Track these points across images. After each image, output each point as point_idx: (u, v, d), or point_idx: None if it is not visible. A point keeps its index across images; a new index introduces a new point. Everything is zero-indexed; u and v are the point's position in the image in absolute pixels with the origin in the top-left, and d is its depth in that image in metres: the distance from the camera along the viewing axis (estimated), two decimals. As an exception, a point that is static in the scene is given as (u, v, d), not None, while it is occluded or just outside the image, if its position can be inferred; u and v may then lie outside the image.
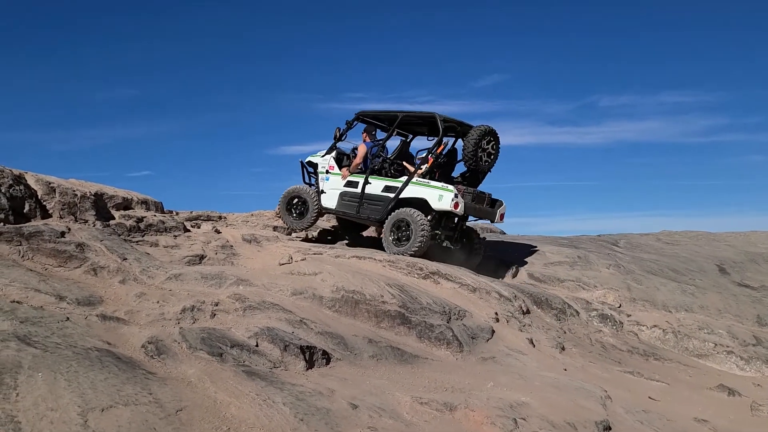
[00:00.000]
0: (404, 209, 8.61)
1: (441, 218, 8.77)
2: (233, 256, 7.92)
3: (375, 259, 8.16)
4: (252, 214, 11.35)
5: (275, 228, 10.37)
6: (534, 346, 6.77)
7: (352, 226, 10.47)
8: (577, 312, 8.14)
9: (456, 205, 8.33)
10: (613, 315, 8.24)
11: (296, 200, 9.83)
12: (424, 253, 8.55)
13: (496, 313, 7.27)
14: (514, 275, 9.31)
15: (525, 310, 7.69)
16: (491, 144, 8.93)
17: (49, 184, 7.75)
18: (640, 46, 43.71)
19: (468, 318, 6.94)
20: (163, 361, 4.42)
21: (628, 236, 14.66)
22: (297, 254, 7.97)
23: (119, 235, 7.55)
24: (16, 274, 5.54)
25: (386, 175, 9.26)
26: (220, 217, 10.67)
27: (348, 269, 7.35)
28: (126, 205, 8.77)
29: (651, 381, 6.39)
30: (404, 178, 8.90)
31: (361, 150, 9.40)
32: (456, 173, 9.62)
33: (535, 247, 10.80)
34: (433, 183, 8.63)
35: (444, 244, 9.06)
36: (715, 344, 7.72)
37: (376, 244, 9.33)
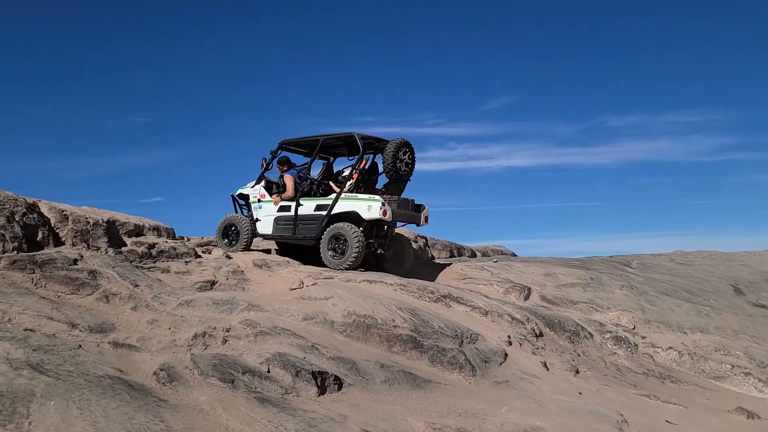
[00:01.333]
0: (338, 224, 9.08)
1: (372, 228, 9.37)
2: (244, 281, 7.93)
3: (386, 283, 8.14)
4: (263, 239, 11.37)
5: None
6: (548, 369, 6.70)
7: (292, 247, 10.60)
8: (590, 334, 8.05)
9: (384, 213, 8.90)
10: (628, 337, 8.14)
11: (232, 228, 10.21)
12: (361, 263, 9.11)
13: (509, 336, 7.21)
14: (526, 297, 9.24)
15: (538, 332, 7.61)
16: (407, 154, 9.55)
17: (62, 212, 7.82)
18: (647, 66, 43.78)
19: (480, 341, 6.89)
20: (175, 388, 4.41)
21: (640, 257, 14.55)
22: (308, 279, 7.97)
23: (131, 262, 7.59)
24: (29, 302, 5.57)
25: (315, 196, 9.82)
26: (231, 243, 10.68)
27: (359, 293, 7.34)
28: (138, 231, 8.83)
29: (668, 404, 6.29)
30: (333, 196, 9.38)
31: (289, 181, 9.83)
32: (378, 185, 10.14)
33: (547, 268, 10.73)
34: (360, 196, 9.20)
35: (378, 252, 9.66)
36: (733, 366, 7.59)
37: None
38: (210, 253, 9.45)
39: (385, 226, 9.53)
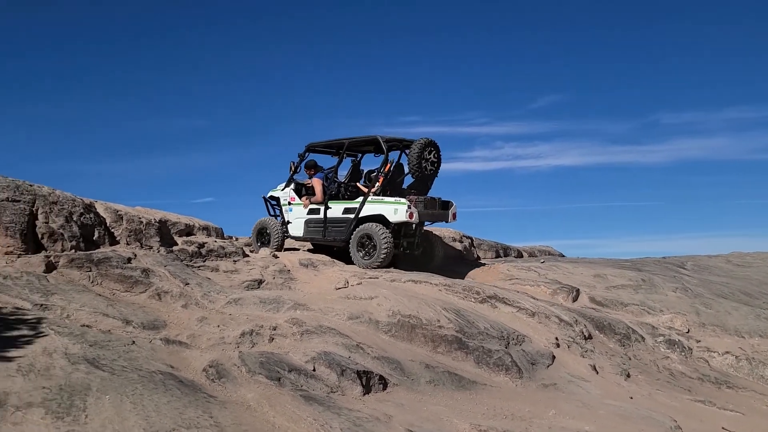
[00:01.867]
0: (366, 225, 9.22)
1: (400, 228, 9.41)
2: (291, 280, 8.03)
3: (431, 283, 8.11)
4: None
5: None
6: (597, 372, 6.55)
7: (325, 246, 10.76)
8: (642, 337, 7.84)
9: (411, 215, 8.99)
10: (682, 341, 7.89)
11: (265, 230, 10.53)
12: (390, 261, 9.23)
13: (557, 338, 7.08)
14: (575, 299, 9.06)
15: (587, 335, 7.46)
16: (432, 153, 9.58)
17: (117, 211, 8.08)
18: (703, 61, 42.29)
19: (527, 343, 6.79)
20: (224, 385, 4.50)
21: (695, 258, 14.08)
22: (353, 278, 8.02)
23: (182, 261, 7.78)
24: (86, 299, 5.78)
25: (342, 198, 10.03)
26: (278, 242, 10.85)
27: (404, 293, 7.33)
28: (188, 231, 9.04)
29: (724, 411, 6.07)
30: (360, 199, 9.50)
31: (317, 185, 10.05)
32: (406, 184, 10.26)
33: (596, 269, 10.50)
34: (386, 199, 9.28)
35: (407, 252, 9.72)
36: (794, 372, 7.26)
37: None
38: (257, 253, 9.60)
39: (413, 226, 9.59)
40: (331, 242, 9.86)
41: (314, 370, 5.03)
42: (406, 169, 9.73)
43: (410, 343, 6.28)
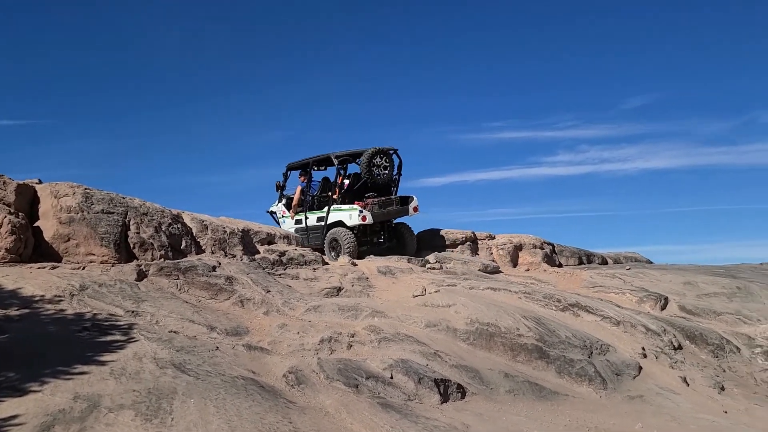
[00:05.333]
0: (333, 229, 10.72)
1: (365, 228, 10.95)
2: (369, 287, 8.09)
3: (510, 291, 7.97)
4: (386, 246, 11.65)
5: (409, 260, 10.48)
6: (688, 385, 6.22)
7: None
8: (737, 348, 7.38)
9: (364, 218, 10.43)
10: (783, 352, 7.35)
11: None
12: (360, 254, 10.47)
13: (643, 348, 6.78)
14: (663, 307, 8.65)
15: (676, 345, 7.10)
16: (384, 159, 10.90)
17: (203, 221, 8.43)
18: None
19: (612, 353, 6.54)
20: (303, 391, 4.59)
21: (797, 263, 13.11)
22: (431, 286, 7.99)
23: (263, 269, 8.00)
24: (174, 306, 6.05)
25: (317, 209, 11.54)
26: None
27: (482, 301, 7.24)
28: (270, 240, 9.30)
29: (833, 429, 5.61)
30: (326, 209, 11.09)
31: (297, 192, 11.75)
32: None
33: (686, 276, 9.98)
34: (344, 207, 10.83)
35: (378, 243, 11.36)
36: None
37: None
38: (336, 260, 9.76)
39: (377, 224, 10.96)
40: (313, 246, 10.96)
41: (392, 377, 5.04)
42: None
43: (489, 352, 6.18)
